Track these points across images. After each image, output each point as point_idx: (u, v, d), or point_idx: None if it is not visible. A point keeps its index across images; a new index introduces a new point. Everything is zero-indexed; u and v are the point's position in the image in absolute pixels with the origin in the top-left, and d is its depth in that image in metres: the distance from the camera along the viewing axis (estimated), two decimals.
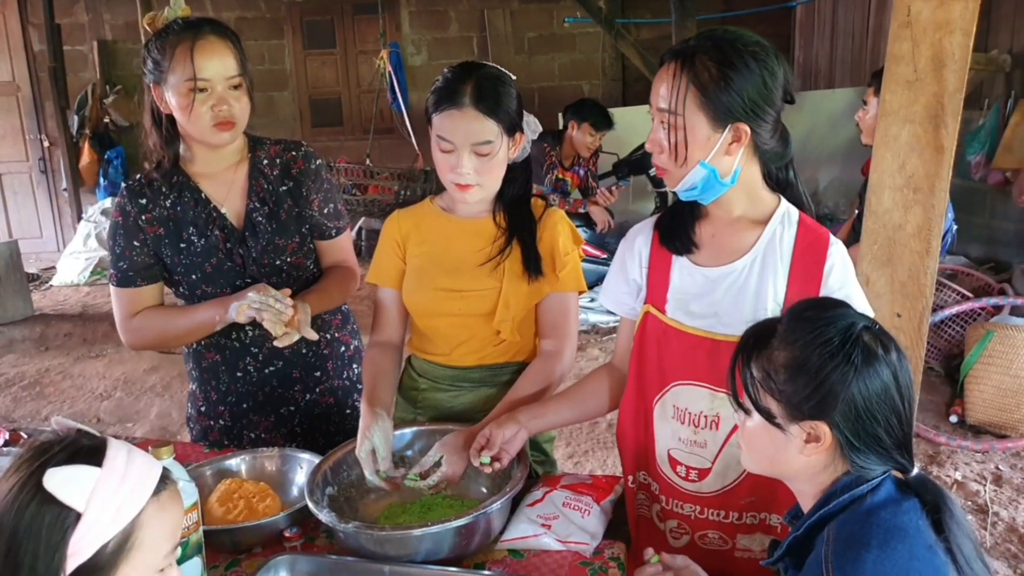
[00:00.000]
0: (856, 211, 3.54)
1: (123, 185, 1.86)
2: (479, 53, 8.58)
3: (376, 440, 1.57)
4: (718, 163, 1.38)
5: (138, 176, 1.86)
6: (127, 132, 8.37)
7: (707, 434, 1.47)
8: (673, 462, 1.52)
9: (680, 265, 1.49)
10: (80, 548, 0.89)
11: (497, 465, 1.49)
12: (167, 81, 1.71)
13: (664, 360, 1.50)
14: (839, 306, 1.14)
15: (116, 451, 0.94)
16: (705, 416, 1.47)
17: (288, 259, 1.88)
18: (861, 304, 1.45)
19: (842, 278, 1.43)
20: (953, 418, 3.92)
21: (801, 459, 1.11)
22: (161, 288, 1.89)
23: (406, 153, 7.22)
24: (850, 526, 1.06)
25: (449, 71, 1.63)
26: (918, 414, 3.78)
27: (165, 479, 0.99)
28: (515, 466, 1.52)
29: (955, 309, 4.26)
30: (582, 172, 5.43)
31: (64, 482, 0.89)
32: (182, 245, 1.83)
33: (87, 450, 0.93)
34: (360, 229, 7.08)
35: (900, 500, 1.07)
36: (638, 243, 1.56)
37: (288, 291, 1.72)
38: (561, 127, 5.38)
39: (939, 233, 1.74)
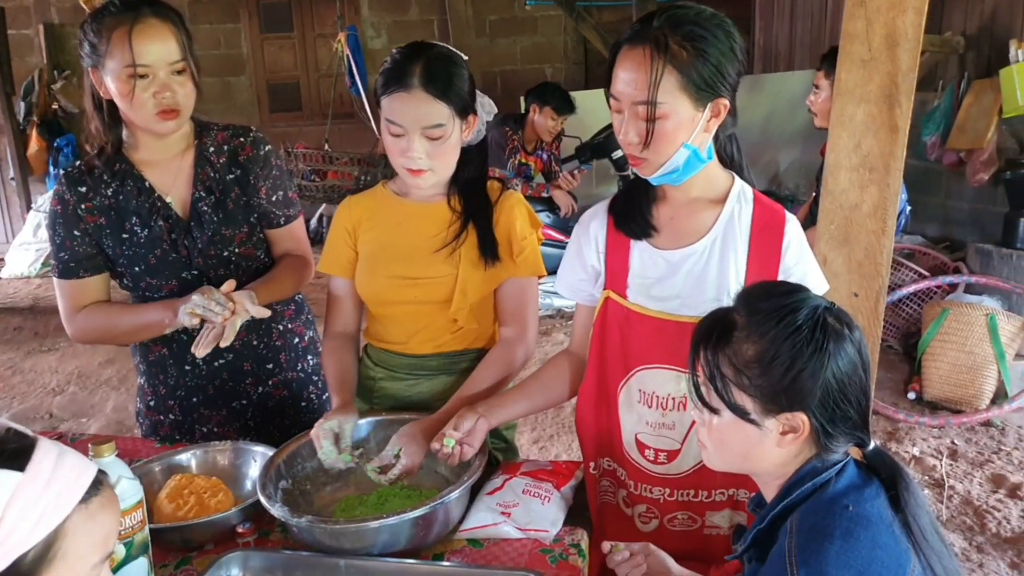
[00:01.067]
0: (814, 193, 3.57)
1: (61, 172, 1.79)
2: (440, 36, 8.50)
3: (346, 427, 1.56)
4: (699, 141, 1.37)
5: (77, 163, 1.78)
6: (77, 119, 8.17)
7: (675, 416, 1.47)
8: (641, 446, 1.51)
9: (639, 249, 1.47)
10: None
11: (462, 449, 1.46)
12: (105, 66, 1.63)
13: (628, 345, 1.49)
14: (796, 291, 1.11)
15: (44, 454, 0.87)
16: (673, 398, 1.46)
17: (236, 249, 1.82)
18: (817, 278, 1.46)
19: (798, 254, 1.44)
20: (911, 395, 3.99)
21: (777, 452, 1.09)
22: (107, 279, 1.82)
23: (366, 138, 7.12)
24: (813, 516, 1.05)
25: (398, 52, 1.58)
26: (877, 392, 3.84)
27: (99, 484, 0.91)
28: (475, 454, 1.50)
29: (912, 288, 4.33)
30: (545, 156, 5.40)
31: None
32: (124, 236, 1.76)
33: (11, 453, 0.86)
34: (320, 216, 6.99)
35: (862, 486, 1.07)
36: (593, 228, 1.54)
37: (232, 283, 1.66)
38: (523, 111, 5.35)
39: (895, 212, 1.74)
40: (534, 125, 5.21)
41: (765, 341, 1.05)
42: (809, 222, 2.74)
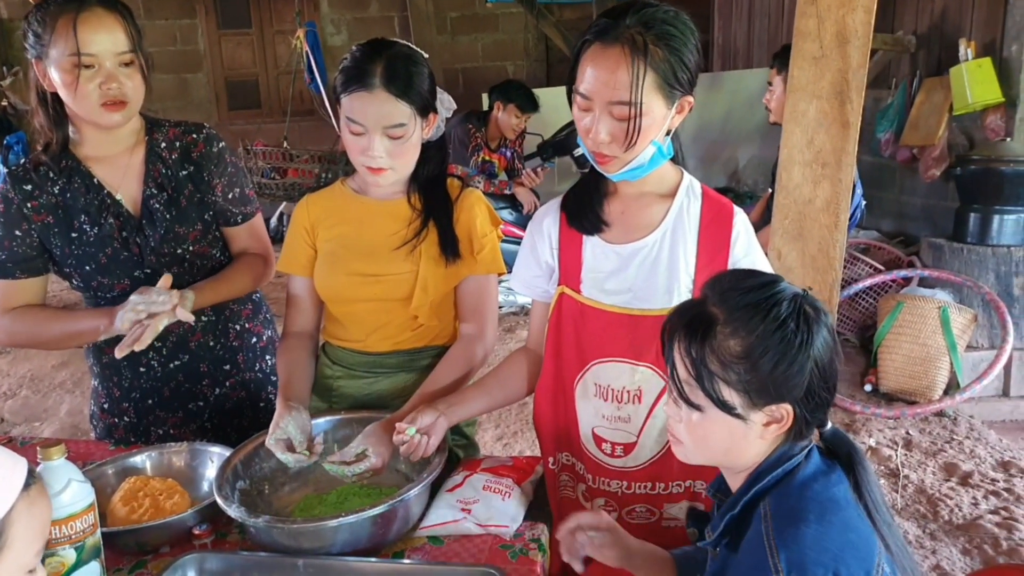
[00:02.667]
0: (770, 190, 3.62)
1: (5, 171, 1.74)
2: (400, 33, 8.45)
3: (291, 430, 1.52)
4: (663, 139, 1.40)
5: (22, 161, 1.74)
6: (28, 116, 7.96)
7: (630, 408, 1.49)
8: (598, 440, 1.53)
9: (591, 244, 1.49)
10: None
11: (425, 442, 1.46)
12: (49, 56, 1.59)
13: (582, 339, 1.50)
14: (772, 281, 1.10)
15: None
16: (628, 391, 1.48)
17: (190, 248, 1.78)
18: (764, 268, 1.49)
19: (746, 246, 1.46)
20: (868, 387, 4.07)
21: (759, 444, 1.09)
22: (44, 283, 1.77)
23: (326, 135, 7.05)
24: (787, 501, 1.05)
25: (358, 50, 1.57)
26: None
27: (32, 474, 0.94)
28: (435, 452, 1.50)
29: (868, 282, 4.41)
30: (508, 154, 5.40)
31: None
32: (73, 235, 1.71)
33: None
34: (281, 214, 6.91)
35: (828, 471, 1.09)
36: (546, 225, 1.55)
37: (169, 278, 1.61)
38: (487, 108, 5.34)
39: (847, 207, 1.78)
40: (498, 122, 5.21)
41: (752, 336, 1.04)
42: (766, 219, 2.78)
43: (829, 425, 1.12)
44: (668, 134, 1.42)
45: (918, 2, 5.03)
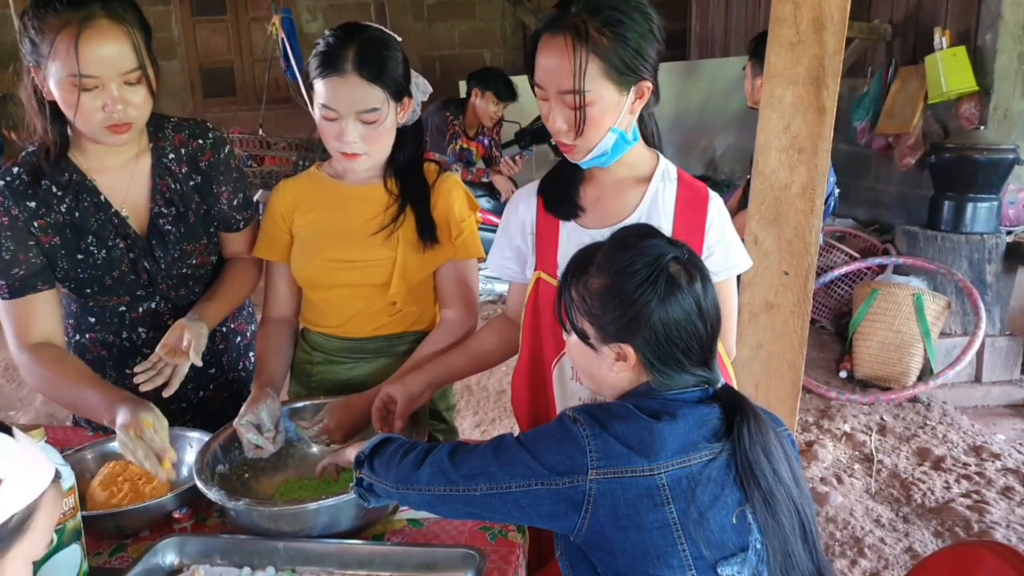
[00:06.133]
0: (748, 178, 3.65)
1: (0, 183, 1.55)
2: (377, 20, 8.34)
3: (263, 416, 1.53)
4: (624, 124, 1.40)
5: (14, 169, 1.55)
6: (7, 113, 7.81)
7: None
8: None
9: (567, 229, 1.49)
10: None
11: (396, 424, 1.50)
12: (48, 68, 1.43)
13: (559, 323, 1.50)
14: (654, 236, 1.20)
15: (17, 431, 0.93)
16: None
17: (193, 261, 1.71)
18: (740, 255, 1.51)
19: (720, 231, 1.48)
20: (843, 373, 4.12)
21: (613, 375, 1.19)
22: (57, 294, 1.64)
23: (303, 123, 6.97)
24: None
25: (330, 34, 1.56)
26: (810, 371, 3.95)
27: (56, 473, 0.96)
28: (412, 434, 1.50)
29: (843, 269, 4.46)
30: (486, 142, 5.39)
31: None
32: (79, 256, 1.59)
33: None
34: (257, 202, 6.85)
35: (679, 407, 1.14)
36: (521, 210, 1.56)
37: (189, 340, 1.52)
38: (464, 96, 5.33)
39: (823, 192, 1.79)
40: (475, 110, 5.19)
41: (608, 276, 1.16)
42: (742, 205, 2.80)
43: (721, 383, 1.20)
44: (636, 119, 1.42)
45: None
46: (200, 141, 1.68)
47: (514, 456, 1.14)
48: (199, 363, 1.53)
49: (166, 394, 1.50)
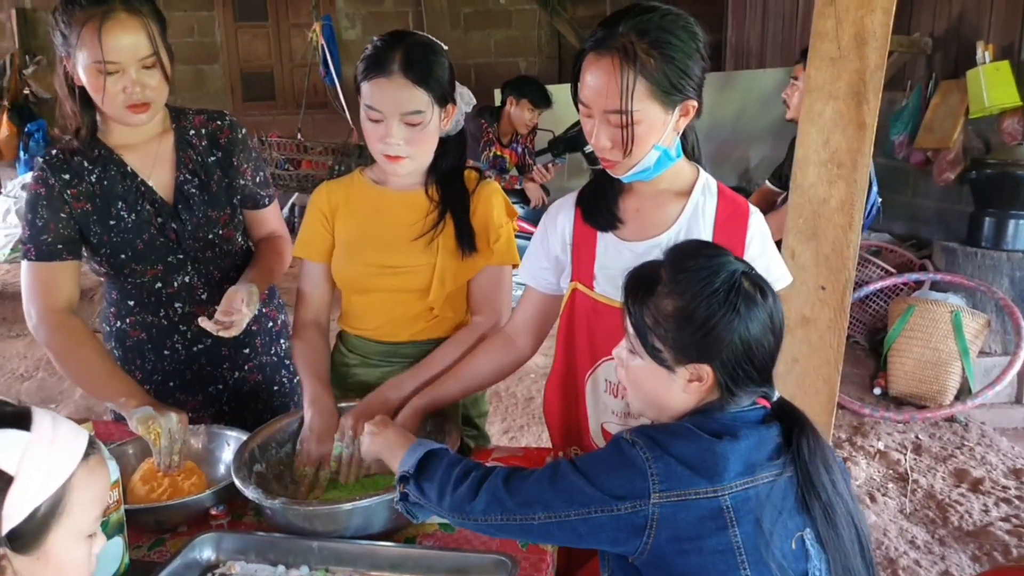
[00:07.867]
0: (767, 183, 3.69)
1: (40, 160, 1.74)
2: (414, 28, 8.45)
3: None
4: (669, 141, 1.40)
5: (54, 151, 1.73)
6: (48, 104, 8.03)
7: None
8: (607, 435, 1.54)
9: (605, 241, 1.50)
10: (12, 512, 0.89)
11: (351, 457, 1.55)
12: (76, 57, 1.61)
13: (595, 336, 1.51)
14: (719, 254, 1.18)
15: (42, 417, 0.95)
16: None
17: (220, 231, 1.83)
18: (780, 271, 1.50)
19: (761, 246, 1.47)
20: (877, 390, 4.06)
21: (682, 397, 1.17)
22: (79, 269, 1.76)
23: (340, 128, 7.10)
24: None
25: (378, 39, 1.59)
26: (843, 387, 3.91)
27: (92, 444, 1.00)
28: (446, 439, 1.52)
29: (879, 284, 4.40)
30: (520, 149, 5.41)
31: None
32: (111, 222, 1.73)
33: (12, 415, 0.93)
34: (292, 205, 6.95)
35: (741, 428, 1.12)
36: (560, 220, 1.56)
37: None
38: (499, 103, 5.35)
39: (861, 207, 1.78)
40: (510, 118, 5.21)
41: (684, 298, 1.13)
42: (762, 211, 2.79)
43: (777, 395, 1.19)
44: (679, 136, 1.43)
45: (935, 4, 5.01)
46: (219, 122, 1.85)
47: (571, 483, 1.12)
48: (254, 312, 1.63)
49: (229, 335, 1.59)
